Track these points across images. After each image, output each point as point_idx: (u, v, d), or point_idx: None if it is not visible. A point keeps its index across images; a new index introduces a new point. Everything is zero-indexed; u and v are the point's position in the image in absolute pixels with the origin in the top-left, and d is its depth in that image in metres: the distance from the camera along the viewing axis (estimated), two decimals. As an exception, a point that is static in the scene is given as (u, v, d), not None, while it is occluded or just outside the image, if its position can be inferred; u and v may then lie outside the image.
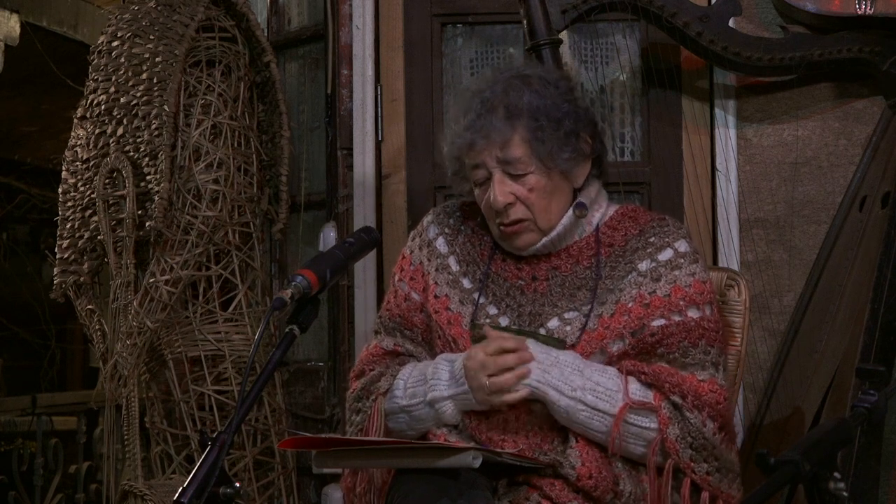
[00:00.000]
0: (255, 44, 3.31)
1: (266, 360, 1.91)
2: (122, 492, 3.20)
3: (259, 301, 3.27)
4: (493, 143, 2.18)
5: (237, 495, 1.76)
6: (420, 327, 2.30)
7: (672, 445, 2.11)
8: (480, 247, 2.32)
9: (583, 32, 3.15)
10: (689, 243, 2.25)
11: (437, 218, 2.38)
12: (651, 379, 2.13)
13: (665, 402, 2.12)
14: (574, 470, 2.08)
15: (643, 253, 2.22)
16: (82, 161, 3.35)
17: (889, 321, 2.66)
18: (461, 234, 2.34)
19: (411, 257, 2.35)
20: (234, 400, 3.14)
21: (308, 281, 1.98)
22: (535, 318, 2.22)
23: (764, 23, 3.05)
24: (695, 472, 2.13)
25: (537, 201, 2.20)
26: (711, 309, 2.20)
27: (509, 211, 2.21)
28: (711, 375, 2.15)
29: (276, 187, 3.32)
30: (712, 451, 2.13)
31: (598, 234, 2.26)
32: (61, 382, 8.06)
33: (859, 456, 2.54)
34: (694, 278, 2.20)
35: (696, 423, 2.11)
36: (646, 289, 2.18)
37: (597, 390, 2.10)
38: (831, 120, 3.06)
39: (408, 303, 2.32)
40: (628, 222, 2.28)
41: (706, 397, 2.12)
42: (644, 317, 2.16)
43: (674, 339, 2.15)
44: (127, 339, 3.15)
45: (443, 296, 2.28)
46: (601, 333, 2.16)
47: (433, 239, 2.35)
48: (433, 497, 1.97)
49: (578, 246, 2.26)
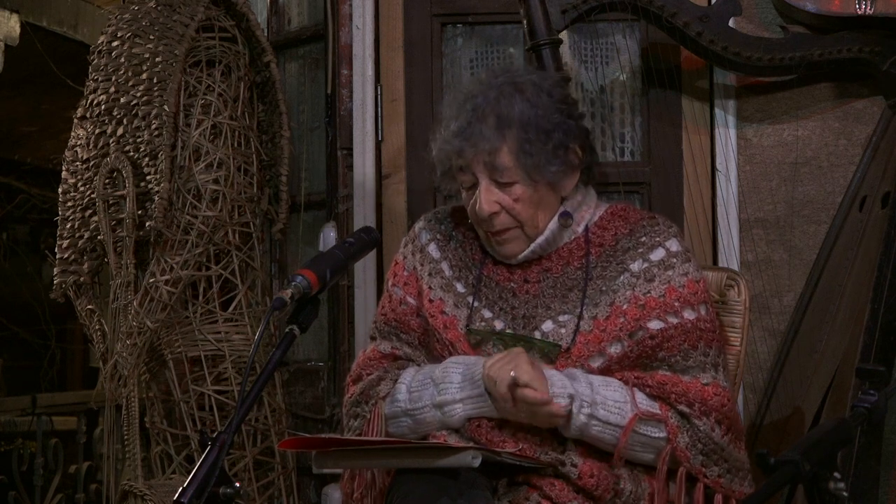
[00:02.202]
0: (255, 44, 3.31)
1: (266, 360, 1.91)
2: (122, 492, 3.20)
3: (259, 301, 3.27)
4: (481, 150, 2.18)
5: (237, 495, 1.76)
6: (417, 331, 2.29)
7: (683, 454, 2.12)
8: (472, 251, 2.32)
9: (583, 32, 3.15)
10: (681, 242, 2.25)
11: (427, 224, 2.38)
12: (656, 391, 2.13)
13: (672, 412, 2.13)
14: (576, 468, 2.08)
15: (635, 253, 2.22)
16: (82, 161, 3.35)
17: (889, 321, 2.66)
18: (452, 239, 2.34)
19: (404, 263, 2.35)
20: (234, 400, 3.14)
21: (308, 281, 1.98)
22: (528, 322, 2.21)
23: (764, 23, 3.05)
24: (707, 476, 2.14)
25: (523, 211, 2.20)
26: (706, 308, 2.21)
27: (494, 221, 2.21)
28: (714, 378, 2.15)
29: (276, 187, 3.32)
30: (722, 454, 2.14)
31: (588, 235, 2.26)
32: (61, 382, 8.06)
33: (859, 456, 2.54)
34: (687, 278, 2.20)
35: (705, 430, 2.12)
36: (640, 290, 2.18)
37: (607, 404, 2.10)
38: (831, 120, 3.06)
39: (403, 307, 2.31)
40: (618, 221, 2.27)
41: (712, 402, 2.12)
42: (640, 318, 2.16)
43: (673, 342, 2.14)
44: (127, 339, 3.15)
45: (437, 300, 2.28)
46: (598, 336, 2.16)
47: (425, 244, 2.35)
48: (433, 497, 1.97)
49: (569, 248, 2.26)
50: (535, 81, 2.24)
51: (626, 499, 2.12)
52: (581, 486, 2.08)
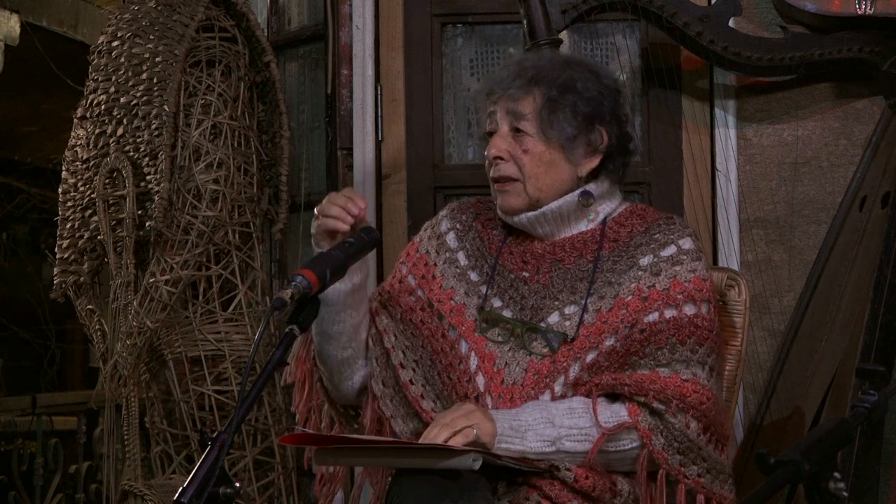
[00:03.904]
0: (255, 44, 3.31)
1: (266, 360, 1.91)
2: (122, 492, 3.20)
3: (259, 301, 3.27)
4: (507, 95, 2.26)
5: (237, 495, 1.76)
6: (403, 308, 2.32)
7: (660, 455, 2.10)
8: (489, 241, 2.35)
9: (583, 32, 3.15)
10: (695, 242, 2.25)
11: (450, 213, 2.43)
12: (634, 390, 2.10)
13: (642, 414, 2.10)
14: (571, 472, 2.09)
15: (646, 248, 2.22)
16: (82, 161, 3.35)
17: (889, 321, 2.66)
18: (472, 230, 2.37)
19: (419, 245, 2.40)
20: (234, 400, 3.14)
21: (308, 281, 1.98)
22: (536, 313, 2.22)
23: (764, 23, 3.05)
24: (686, 476, 2.11)
25: (529, 165, 2.24)
26: (709, 308, 2.20)
27: (499, 165, 2.26)
28: (695, 375, 2.12)
29: (276, 187, 3.32)
30: (699, 453, 2.12)
31: (605, 228, 2.28)
32: (61, 382, 8.06)
33: (859, 456, 2.54)
34: (695, 275, 2.20)
35: (679, 427, 2.09)
36: (645, 282, 2.18)
37: (571, 435, 2.10)
38: (831, 120, 3.06)
39: (402, 284, 2.36)
40: (636, 220, 2.28)
41: (690, 399, 2.10)
42: (641, 310, 2.16)
43: (662, 335, 2.13)
44: (127, 339, 3.15)
45: (448, 288, 2.31)
46: (599, 328, 2.17)
47: (444, 233, 2.39)
48: (434, 497, 1.97)
49: (583, 238, 2.27)
50: (590, 64, 2.34)
51: (625, 499, 2.12)
52: (578, 487, 2.08)
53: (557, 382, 2.16)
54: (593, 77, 2.28)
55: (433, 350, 2.26)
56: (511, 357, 2.20)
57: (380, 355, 2.28)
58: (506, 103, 2.26)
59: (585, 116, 2.24)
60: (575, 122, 2.23)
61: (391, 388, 2.27)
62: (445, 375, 2.23)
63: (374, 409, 2.27)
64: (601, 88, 2.27)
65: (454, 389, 2.21)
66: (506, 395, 2.17)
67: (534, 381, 2.16)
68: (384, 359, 2.28)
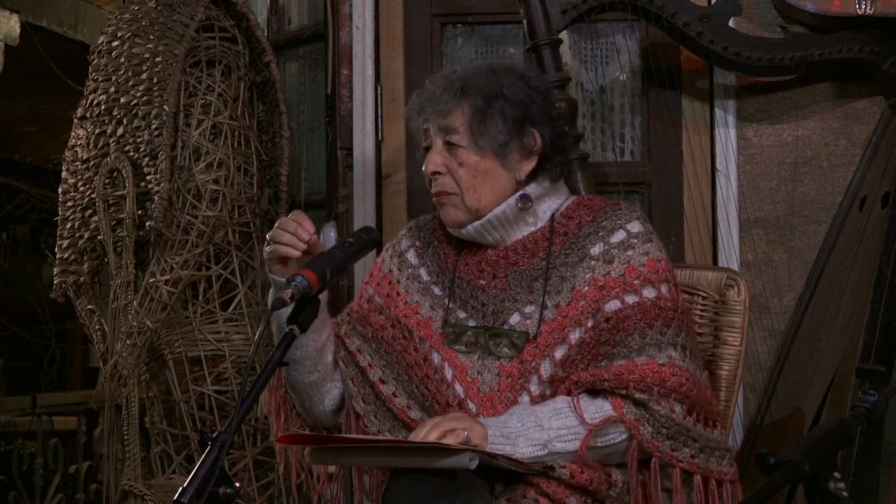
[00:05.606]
0: (255, 44, 3.31)
1: (266, 360, 1.91)
2: (122, 492, 3.20)
3: (259, 301, 3.27)
4: (437, 111, 2.27)
5: (237, 495, 1.76)
6: (373, 327, 2.33)
7: (650, 444, 2.10)
8: (446, 256, 2.37)
9: (583, 32, 3.15)
10: (643, 224, 2.26)
11: (409, 231, 2.45)
12: (614, 384, 2.11)
13: (626, 406, 2.11)
14: (566, 469, 2.09)
15: (595, 237, 2.23)
16: (82, 161, 3.35)
17: (889, 321, 2.66)
18: (430, 246, 2.40)
19: (381, 265, 2.43)
20: (234, 400, 3.14)
21: (308, 281, 1.98)
22: (497, 317, 2.24)
23: (764, 23, 3.05)
24: (679, 459, 2.12)
25: (465, 177, 2.25)
26: (668, 287, 2.20)
27: (438, 179, 2.28)
28: (670, 358, 2.12)
29: (276, 187, 3.33)
30: (689, 434, 2.12)
31: (553, 224, 2.29)
32: (61, 382, 8.06)
33: (859, 456, 2.54)
34: (648, 257, 2.20)
35: (664, 413, 2.09)
36: (599, 271, 2.19)
37: (561, 435, 2.10)
38: (831, 120, 3.06)
39: (370, 304, 2.37)
40: (583, 210, 2.29)
41: (670, 383, 2.10)
42: (599, 299, 2.16)
43: (630, 321, 2.14)
44: (127, 339, 3.15)
45: (413, 303, 2.33)
46: (561, 323, 2.18)
47: (405, 251, 2.41)
48: (431, 497, 1.97)
49: (533, 238, 2.28)
50: (516, 68, 2.34)
51: (620, 489, 2.12)
52: (575, 483, 2.09)
53: (532, 382, 2.17)
54: (520, 81, 2.29)
55: (407, 364, 2.27)
56: (482, 365, 2.21)
57: (355, 375, 2.28)
58: (437, 119, 2.27)
59: (515, 121, 2.25)
60: (505, 129, 2.25)
61: (373, 405, 2.27)
62: (424, 387, 2.24)
63: (359, 427, 2.27)
64: (528, 91, 2.28)
65: (435, 399, 2.22)
66: (486, 403, 2.18)
67: (508, 385, 2.18)
68: (360, 377, 2.28)
